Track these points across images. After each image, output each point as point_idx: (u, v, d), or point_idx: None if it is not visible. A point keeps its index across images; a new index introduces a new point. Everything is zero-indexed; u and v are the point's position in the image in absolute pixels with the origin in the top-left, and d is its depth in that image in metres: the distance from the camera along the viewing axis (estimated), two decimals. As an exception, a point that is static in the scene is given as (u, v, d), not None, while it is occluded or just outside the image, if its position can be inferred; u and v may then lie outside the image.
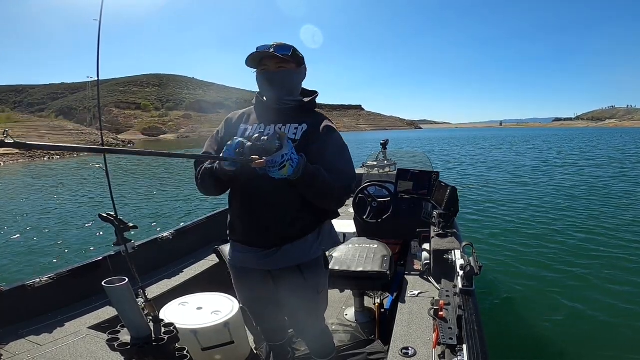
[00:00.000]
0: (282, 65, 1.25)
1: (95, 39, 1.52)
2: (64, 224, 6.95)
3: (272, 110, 1.31)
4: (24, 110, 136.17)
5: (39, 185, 12.21)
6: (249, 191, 1.25)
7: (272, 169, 1.02)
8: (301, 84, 1.36)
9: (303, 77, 1.35)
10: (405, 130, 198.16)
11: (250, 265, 1.32)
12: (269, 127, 1.28)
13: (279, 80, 1.26)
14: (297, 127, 1.27)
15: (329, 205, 1.29)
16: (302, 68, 1.32)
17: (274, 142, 1.04)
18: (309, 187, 1.15)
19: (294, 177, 1.08)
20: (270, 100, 1.30)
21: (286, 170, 1.04)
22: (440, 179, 2.70)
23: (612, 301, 3.23)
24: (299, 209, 1.24)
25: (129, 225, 1.43)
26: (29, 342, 1.55)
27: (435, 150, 24.33)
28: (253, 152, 1.04)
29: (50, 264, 4.71)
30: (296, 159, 1.07)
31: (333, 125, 1.32)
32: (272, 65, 1.25)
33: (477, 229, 5.49)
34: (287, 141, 1.05)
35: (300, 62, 1.30)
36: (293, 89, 1.31)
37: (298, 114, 1.31)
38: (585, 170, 12.14)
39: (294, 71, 1.28)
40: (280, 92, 1.28)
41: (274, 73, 1.25)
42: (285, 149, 1.03)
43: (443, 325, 1.35)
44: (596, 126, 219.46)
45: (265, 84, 1.28)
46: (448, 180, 2.67)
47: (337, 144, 1.28)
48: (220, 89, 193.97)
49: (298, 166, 1.07)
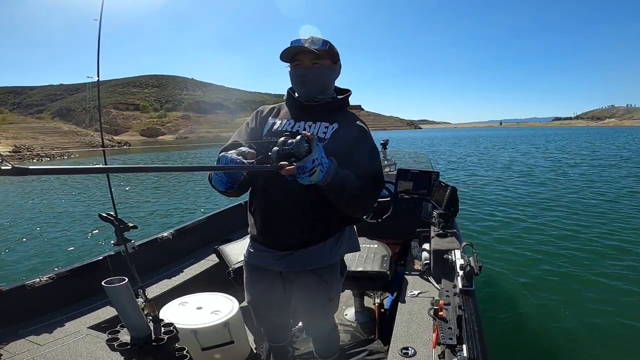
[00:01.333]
0: (317, 62, 1.19)
1: (95, 39, 1.52)
2: (63, 224, 6.94)
3: (303, 106, 1.26)
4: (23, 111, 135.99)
5: (32, 188, 12.17)
6: (270, 191, 1.21)
7: (302, 175, 0.95)
8: (334, 82, 1.30)
9: (337, 74, 1.28)
10: (405, 130, 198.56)
11: (263, 265, 1.30)
12: (299, 123, 1.23)
13: (313, 77, 1.20)
14: (327, 126, 1.21)
15: (355, 212, 1.23)
16: (337, 65, 1.26)
17: (303, 145, 0.96)
18: (337, 192, 1.08)
19: (323, 183, 1.01)
20: (303, 97, 1.25)
21: (316, 176, 0.97)
22: (441, 178, 2.70)
23: (613, 301, 3.23)
24: (322, 213, 1.18)
25: (129, 225, 1.43)
26: (29, 342, 1.55)
27: (435, 150, 24.35)
28: (280, 157, 0.95)
29: (50, 264, 4.69)
30: (326, 163, 1.00)
31: (365, 126, 1.26)
32: (307, 61, 1.19)
33: (477, 229, 5.48)
34: (316, 144, 0.97)
35: (335, 58, 1.24)
36: (327, 86, 1.25)
37: (329, 112, 1.25)
38: (586, 169, 12.15)
39: (329, 68, 1.22)
40: (313, 89, 1.22)
41: (308, 69, 1.19)
42: (315, 153, 0.96)
43: (443, 325, 1.35)
44: (596, 125, 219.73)
45: (298, 81, 1.22)
46: (448, 179, 2.67)
47: (369, 147, 1.22)
48: (220, 90, 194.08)
49: (328, 171, 1.00)
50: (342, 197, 1.11)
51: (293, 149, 0.95)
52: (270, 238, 1.26)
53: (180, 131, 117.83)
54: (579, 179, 10.19)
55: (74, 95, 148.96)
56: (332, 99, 1.27)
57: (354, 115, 1.30)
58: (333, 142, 1.17)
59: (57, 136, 44.14)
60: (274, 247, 1.26)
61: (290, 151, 0.95)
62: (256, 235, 1.30)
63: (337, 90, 1.33)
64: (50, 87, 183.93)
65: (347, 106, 1.33)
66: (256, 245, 1.32)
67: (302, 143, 0.95)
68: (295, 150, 0.95)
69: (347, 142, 1.18)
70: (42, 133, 43.84)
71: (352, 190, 1.10)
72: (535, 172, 12.00)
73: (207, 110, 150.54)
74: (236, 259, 2.10)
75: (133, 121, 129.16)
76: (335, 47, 1.22)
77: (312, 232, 1.22)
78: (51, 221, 7.17)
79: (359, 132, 1.23)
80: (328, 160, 1.02)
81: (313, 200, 1.15)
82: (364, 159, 1.19)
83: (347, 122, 1.24)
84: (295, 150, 0.95)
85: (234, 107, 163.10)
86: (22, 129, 43.60)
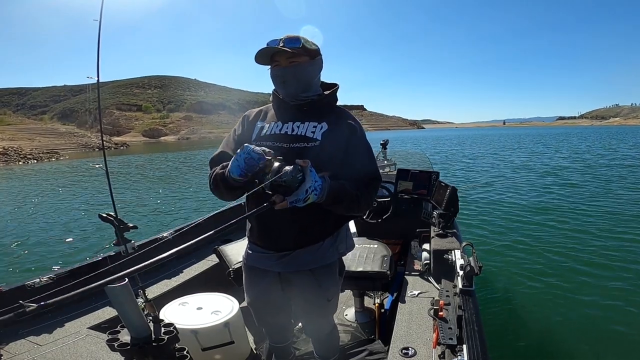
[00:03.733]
0: (294, 60, 1.16)
1: (95, 39, 1.52)
2: (63, 224, 6.96)
3: (289, 107, 1.24)
4: (27, 112, 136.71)
5: (33, 188, 12.21)
6: (265, 194, 1.23)
7: (295, 204, 0.98)
8: (319, 77, 1.26)
9: (319, 68, 1.25)
10: (408, 130, 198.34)
11: (261, 266, 1.30)
12: (287, 124, 1.22)
13: (292, 76, 1.17)
14: (315, 126, 1.19)
15: (353, 213, 1.24)
16: (316, 60, 1.22)
17: (296, 177, 0.96)
18: (333, 205, 1.10)
19: (318, 201, 1.04)
20: (287, 97, 1.23)
21: (310, 200, 1.00)
22: (441, 178, 2.70)
23: (613, 301, 3.21)
24: (318, 213, 1.17)
25: (129, 225, 1.44)
26: (29, 342, 1.55)
27: (436, 150, 24.28)
28: (274, 188, 0.97)
29: (50, 264, 4.71)
30: (319, 186, 1.01)
31: (355, 123, 1.24)
32: (284, 61, 1.17)
33: (477, 229, 5.47)
34: (309, 171, 0.98)
35: (313, 53, 1.20)
36: (309, 83, 1.22)
37: (317, 110, 1.23)
38: (588, 169, 12.10)
39: (307, 64, 1.19)
40: (295, 88, 1.20)
41: (286, 69, 1.17)
42: (308, 182, 0.97)
43: (443, 325, 1.35)
44: (601, 125, 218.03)
45: (278, 81, 1.20)
46: (448, 180, 2.67)
47: (362, 145, 1.21)
48: (222, 90, 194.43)
49: (322, 192, 1.02)
50: (339, 207, 1.12)
51: (287, 181, 0.95)
52: (267, 240, 1.26)
53: (182, 132, 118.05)
54: (581, 178, 10.15)
55: (78, 96, 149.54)
56: (318, 97, 1.24)
57: (344, 111, 1.28)
58: (324, 145, 1.16)
59: (54, 137, 44.41)
60: (271, 248, 1.26)
61: (284, 183, 0.95)
62: (253, 238, 1.31)
63: (323, 85, 1.30)
64: (54, 88, 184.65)
65: (336, 102, 1.30)
66: (254, 247, 1.32)
67: (295, 173, 0.96)
68: (289, 183, 0.96)
69: (339, 144, 1.17)
70: (39, 134, 44.15)
71: (348, 199, 1.11)
72: (537, 172, 11.95)
73: (209, 111, 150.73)
74: (236, 259, 2.11)
75: (135, 122, 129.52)
76: (313, 43, 1.20)
77: (309, 232, 1.22)
78: (51, 221, 7.20)
79: (349, 130, 1.21)
80: (320, 181, 1.02)
81: None
82: (358, 159, 1.18)
83: (336, 121, 1.21)
84: (289, 182, 0.95)
85: (236, 107, 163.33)
86: (19, 130, 43.94)
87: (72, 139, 45.14)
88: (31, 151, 31.00)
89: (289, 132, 1.20)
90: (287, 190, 0.96)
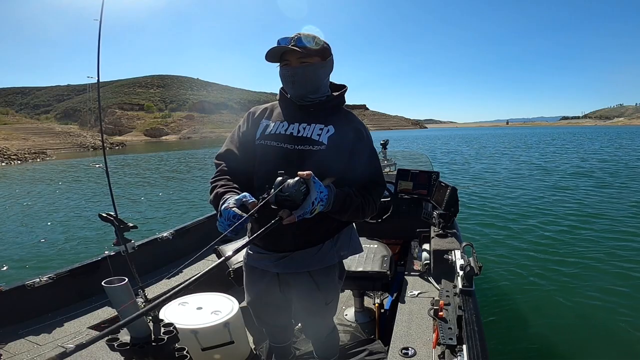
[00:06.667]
0: (305, 60, 1.13)
1: (96, 39, 1.53)
2: (63, 224, 6.97)
3: (296, 107, 1.21)
4: (30, 112, 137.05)
5: (32, 188, 12.21)
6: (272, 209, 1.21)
7: (303, 217, 0.98)
8: (328, 78, 1.23)
9: (329, 70, 1.22)
10: (410, 129, 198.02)
11: (261, 267, 1.30)
12: (293, 125, 1.19)
13: (302, 77, 1.14)
14: (322, 129, 1.17)
15: (358, 220, 1.22)
16: (328, 61, 1.19)
17: (300, 190, 0.95)
18: (339, 214, 1.09)
19: (325, 210, 1.04)
20: (294, 97, 1.20)
21: (317, 211, 1.00)
22: (442, 178, 2.70)
23: (613, 301, 3.20)
24: (318, 217, 1.14)
25: (129, 225, 1.44)
26: (29, 342, 1.56)
27: (438, 150, 24.23)
28: (279, 202, 0.96)
29: (50, 264, 4.72)
30: (325, 196, 1.00)
31: (362, 127, 1.22)
32: (294, 60, 1.13)
33: (477, 229, 5.46)
34: (313, 182, 0.96)
35: (325, 54, 1.17)
36: (318, 85, 1.18)
37: (324, 112, 1.21)
38: (588, 170, 12.05)
39: (318, 65, 1.16)
40: (304, 89, 1.16)
41: (296, 69, 1.13)
42: (313, 194, 0.96)
43: (443, 326, 1.35)
44: (605, 124, 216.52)
45: (287, 81, 1.17)
46: (448, 180, 2.66)
47: (367, 150, 1.19)
48: (224, 90, 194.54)
49: (328, 202, 1.02)
50: (344, 215, 1.12)
51: (291, 195, 0.95)
52: (267, 241, 1.25)
53: (184, 131, 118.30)
54: (581, 178, 10.11)
55: (80, 96, 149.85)
56: (326, 98, 1.22)
57: (351, 114, 1.26)
58: (330, 149, 1.14)
59: (49, 137, 44.50)
60: (271, 249, 1.26)
61: (288, 197, 0.95)
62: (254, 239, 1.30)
63: (332, 86, 1.28)
64: (58, 87, 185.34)
65: (343, 104, 1.27)
66: (254, 247, 1.32)
67: (298, 187, 0.95)
68: (293, 196, 0.95)
69: (345, 148, 1.15)
70: (34, 134, 44.27)
71: (354, 207, 1.10)
72: (537, 172, 11.91)
73: (211, 110, 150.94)
74: (236, 259, 2.10)
75: (137, 121, 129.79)
76: (325, 43, 1.16)
77: (309, 234, 1.21)
78: (51, 221, 7.21)
79: (356, 135, 1.18)
80: (326, 190, 1.01)
81: None
82: (363, 164, 1.17)
83: (343, 124, 1.19)
84: (293, 195, 0.95)
85: (238, 107, 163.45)
86: (15, 130, 44.09)
87: (67, 138, 45.24)
88: (17, 152, 30.74)
89: (294, 133, 1.18)
90: (293, 204, 0.96)
